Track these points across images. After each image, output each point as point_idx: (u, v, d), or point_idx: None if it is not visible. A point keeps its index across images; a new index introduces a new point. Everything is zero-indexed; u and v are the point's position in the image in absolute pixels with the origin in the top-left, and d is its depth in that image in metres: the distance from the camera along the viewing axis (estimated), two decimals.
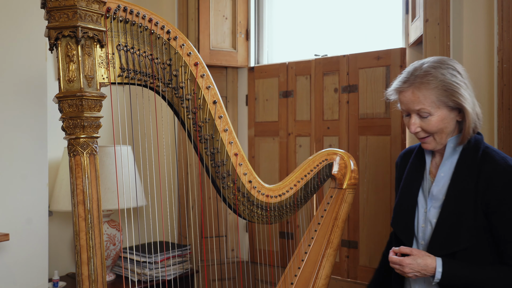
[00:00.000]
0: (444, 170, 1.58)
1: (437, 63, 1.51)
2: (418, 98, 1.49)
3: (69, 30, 1.27)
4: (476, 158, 1.50)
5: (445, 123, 1.51)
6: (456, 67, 1.52)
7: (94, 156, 1.33)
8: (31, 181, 2.25)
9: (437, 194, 1.58)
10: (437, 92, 1.47)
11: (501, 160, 1.48)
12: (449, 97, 1.48)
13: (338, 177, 1.90)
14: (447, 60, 1.53)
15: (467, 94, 1.49)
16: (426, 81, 1.48)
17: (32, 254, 2.26)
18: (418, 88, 1.49)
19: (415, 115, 1.53)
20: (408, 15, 2.70)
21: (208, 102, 1.58)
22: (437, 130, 1.52)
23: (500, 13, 2.17)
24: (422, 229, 1.60)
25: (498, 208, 1.46)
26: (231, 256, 3.32)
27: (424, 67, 1.51)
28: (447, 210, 1.52)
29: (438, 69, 1.49)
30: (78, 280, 1.32)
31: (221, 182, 1.67)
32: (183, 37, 1.51)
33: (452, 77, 1.48)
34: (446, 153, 1.57)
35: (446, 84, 1.47)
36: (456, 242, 1.48)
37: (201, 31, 3.16)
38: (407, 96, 1.52)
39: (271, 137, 3.22)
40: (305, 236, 1.90)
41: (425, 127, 1.53)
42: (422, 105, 1.49)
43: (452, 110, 1.51)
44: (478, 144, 1.53)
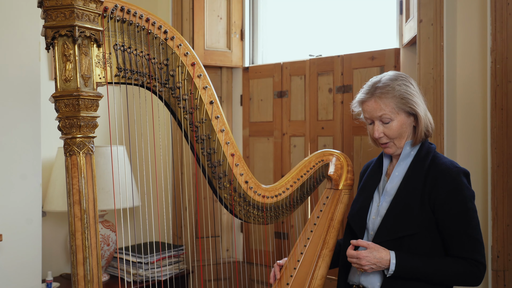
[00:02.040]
0: (399, 170, 1.76)
1: (393, 76, 1.74)
2: (380, 106, 1.70)
3: (66, 30, 1.26)
4: (427, 161, 1.72)
5: (403, 128, 1.72)
6: (410, 80, 1.75)
7: (90, 156, 1.33)
8: (25, 181, 2.24)
9: (390, 190, 1.75)
10: (395, 100, 1.69)
11: (447, 162, 1.69)
12: (405, 104, 1.69)
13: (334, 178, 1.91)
14: (401, 75, 1.76)
15: (419, 101, 1.73)
16: (385, 91, 1.70)
17: (26, 254, 2.25)
18: (379, 98, 1.70)
19: (378, 121, 1.72)
20: (402, 16, 2.71)
21: (205, 103, 1.58)
22: (397, 134, 1.72)
23: (493, 14, 2.18)
24: (372, 220, 1.76)
25: (444, 203, 1.64)
26: (226, 256, 3.32)
27: (382, 80, 1.73)
28: (396, 202, 1.70)
29: (394, 81, 1.71)
30: (73, 280, 1.31)
31: (218, 182, 1.67)
32: (180, 37, 1.51)
33: (407, 88, 1.71)
34: (402, 155, 1.76)
35: (402, 93, 1.69)
36: (401, 228, 1.65)
37: (196, 31, 3.16)
38: (370, 105, 1.72)
39: (265, 137, 3.22)
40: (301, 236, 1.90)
41: (387, 132, 1.72)
42: (384, 112, 1.69)
43: (409, 116, 1.72)
44: (430, 151, 1.74)
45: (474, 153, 2.37)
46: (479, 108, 2.35)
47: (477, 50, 2.35)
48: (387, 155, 1.83)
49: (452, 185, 1.64)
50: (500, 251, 2.16)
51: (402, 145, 1.75)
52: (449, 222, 1.64)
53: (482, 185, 2.34)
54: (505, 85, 2.16)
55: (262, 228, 3.11)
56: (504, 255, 2.16)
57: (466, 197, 1.64)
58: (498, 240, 2.17)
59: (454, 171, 1.66)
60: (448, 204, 1.64)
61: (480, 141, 2.35)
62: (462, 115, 2.40)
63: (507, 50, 2.15)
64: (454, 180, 1.65)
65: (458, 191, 1.64)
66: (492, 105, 2.20)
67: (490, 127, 2.20)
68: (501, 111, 2.17)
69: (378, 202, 1.78)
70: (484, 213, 2.32)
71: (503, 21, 2.16)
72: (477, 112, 2.36)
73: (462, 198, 1.64)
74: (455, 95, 2.41)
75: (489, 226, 2.21)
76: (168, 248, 2.93)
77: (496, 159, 2.17)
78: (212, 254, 3.27)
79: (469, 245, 1.64)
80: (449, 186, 1.64)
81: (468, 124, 2.39)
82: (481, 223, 2.33)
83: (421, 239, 1.65)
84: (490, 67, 2.20)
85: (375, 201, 1.79)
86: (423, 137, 1.74)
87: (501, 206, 2.17)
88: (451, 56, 2.38)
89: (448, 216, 1.64)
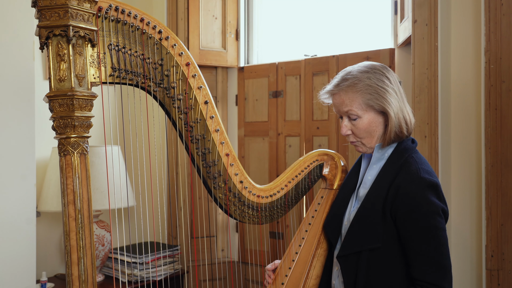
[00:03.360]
0: (371, 174, 1.62)
1: (367, 67, 1.57)
2: (345, 101, 1.55)
3: (60, 29, 1.26)
4: (397, 165, 1.54)
5: (373, 126, 1.56)
6: (386, 73, 1.57)
7: (84, 156, 1.32)
8: (19, 181, 2.23)
9: (362, 195, 1.61)
10: (362, 95, 1.53)
11: (414, 170, 1.50)
12: (373, 100, 1.53)
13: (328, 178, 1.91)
14: (377, 66, 1.58)
15: (392, 99, 1.54)
16: (352, 84, 1.54)
17: (20, 255, 2.24)
18: (345, 92, 1.55)
19: (346, 117, 1.59)
20: (397, 16, 2.72)
21: (200, 102, 1.58)
22: (365, 133, 1.57)
23: (487, 15, 2.19)
24: (345, 226, 1.64)
25: (403, 218, 1.47)
26: (221, 256, 3.32)
27: (353, 71, 1.57)
28: (361, 211, 1.56)
29: (365, 73, 1.55)
30: (68, 281, 1.31)
31: (212, 182, 1.67)
32: (174, 37, 1.51)
33: (378, 82, 1.53)
34: (374, 158, 1.61)
35: (370, 88, 1.53)
36: (362, 241, 1.52)
37: (191, 31, 3.15)
38: (337, 98, 1.59)
39: (261, 137, 3.22)
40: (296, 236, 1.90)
41: (354, 130, 1.58)
42: (350, 107, 1.55)
43: (379, 113, 1.56)
44: (404, 152, 1.56)
45: (468, 153, 2.38)
46: (473, 108, 2.36)
47: (471, 51, 2.36)
48: (366, 155, 1.69)
49: (412, 198, 1.45)
50: (494, 250, 2.17)
51: (373, 145, 1.59)
52: (407, 239, 1.47)
53: (476, 185, 2.35)
54: (499, 85, 2.17)
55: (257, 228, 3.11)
56: (498, 254, 2.17)
57: (428, 213, 1.44)
58: (492, 240, 2.18)
59: (417, 182, 1.46)
60: (407, 220, 1.46)
61: (474, 141, 2.36)
62: (457, 115, 2.41)
63: (501, 50, 2.16)
64: (416, 193, 1.45)
65: (419, 206, 1.45)
66: (486, 105, 2.21)
67: (484, 127, 2.21)
68: (495, 111, 2.18)
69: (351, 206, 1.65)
70: (478, 212, 2.34)
71: (497, 21, 2.17)
72: (471, 112, 2.37)
73: (422, 214, 1.44)
74: (450, 95, 2.42)
75: (483, 226, 2.22)
76: (163, 248, 2.93)
77: (490, 159, 2.19)
78: (207, 254, 3.26)
79: (425, 267, 1.45)
80: (409, 199, 1.46)
81: (462, 124, 2.40)
82: (475, 222, 2.35)
83: (383, 254, 1.50)
84: (484, 67, 2.21)
85: (350, 206, 1.66)
86: (393, 138, 1.56)
87: (495, 206, 2.18)
88: (446, 56, 2.39)
89: (406, 233, 1.47)
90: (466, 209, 2.39)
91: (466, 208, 2.39)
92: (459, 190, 2.41)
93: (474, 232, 2.37)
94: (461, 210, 2.40)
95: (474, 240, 2.37)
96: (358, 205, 1.62)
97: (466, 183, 2.39)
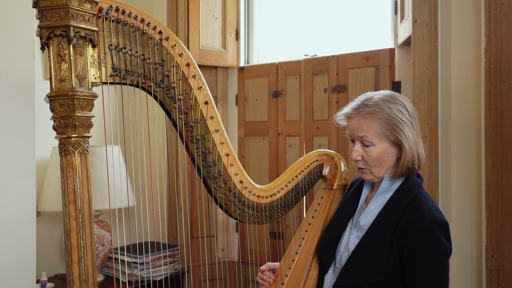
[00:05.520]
0: (376, 204, 1.60)
1: (388, 97, 1.56)
2: (363, 127, 1.54)
3: (61, 30, 1.26)
4: (406, 199, 1.53)
5: (385, 156, 1.55)
6: (406, 105, 1.56)
7: (85, 156, 1.33)
8: (19, 181, 2.23)
9: (363, 225, 1.60)
10: (381, 124, 1.52)
11: (425, 208, 1.49)
12: (391, 131, 1.52)
13: (328, 178, 1.91)
14: (398, 97, 1.57)
15: (409, 132, 1.54)
16: (372, 111, 1.53)
17: (20, 255, 2.24)
18: (364, 117, 1.54)
19: (359, 143, 1.57)
20: (397, 16, 2.72)
21: (200, 103, 1.58)
22: (376, 162, 1.56)
23: (488, 15, 2.20)
24: (341, 253, 1.63)
25: (410, 256, 1.47)
26: (221, 256, 3.32)
27: (374, 98, 1.56)
28: (365, 242, 1.55)
29: (386, 103, 1.53)
30: (68, 280, 1.31)
31: (213, 182, 1.67)
32: (175, 37, 1.51)
33: (398, 113, 1.53)
34: (381, 188, 1.60)
35: (390, 118, 1.52)
36: (364, 274, 1.51)
37: (191, 31, 3.15)
38: (353, 122, 1.57)
39: (261, 137, 3.22)
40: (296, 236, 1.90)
41: (365, 157, 1.56)
42: (366, 133, 1.53)
43: (394, 145, 1.55)
44: (412, 187, 1.56)
45: (469, 153, 2.38)
46: (473, 108, 2.37)
47: (471, 50, 2.36)
48: (368, 182, 1.67)
49: (422, 236, 1.45)
50: (494, 250, 2.17)
51: (381, 175, 1.58)
52: (412, 277, 1.46)
53: (477, 185, 2.35)
54: (499, 85, 2.17)
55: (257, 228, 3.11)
56: (498, 254, 2.17)
57: (436, 253, 1.44)
58: (492, 239, 2.18)
59: (429, 221, 1.45)
60: (413, 258, 1.45)
61: (474, 141, 2.36)
62: (457, 115, 2.41)
63: (501, 50, 2.17)
64: (426, 231, 1.45)
65: (428, 245, 1.44)
66: (486, 105, 2.21)
67: (484, 127, 2.22)
68: (495, 111, 2.19)
69: (349, 234, 1.64)
70: (478, 212, 2.34)
71: (497, 21, 2.17)
72: (472, 112, 2.37)
73: (430, 254, 1.44)
74: (450, 95, 2.42)
75: (483, 226, 2.22)
76: (163, 248, 2.93)
77: (490, 159, 2.19)
78: (208, 254, 3.27)
79: None
80: (418, 236, 1.45)
81: (462, 124, 2.40)
82: (475, 222, 2.36)
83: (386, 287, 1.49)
84: (484, 67, 2.21)
85: (347, 232, 1.66)
86: (404, 172, 1.55)
87: (495, 206, 2.18)
88: (446, 56, 2.39)
89: (412, 271, 1.46)
90: (466, 209, 2.39)
91: (466, 208, 2.39)
92: (459, 190, 2.41)
93: (474, 232, 2.37)
94: (461, 210, 2.41)
95: (474, 240, 2.37)
96: (358, 234, 1.60)
97: (466, 183, 2.39)
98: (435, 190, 2.34)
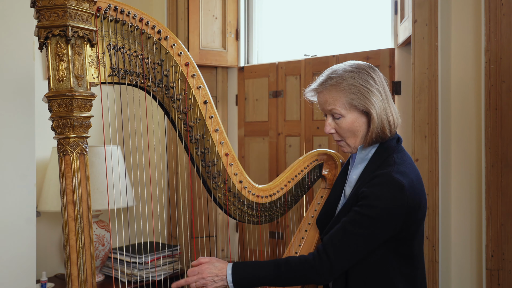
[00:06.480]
0: (356, 173, 1.63)
1: (352, 66, 1.58)
2: (329, 100, 1.56)
3: (59, 29, 1.26)
4: (376, 165, 1.56)
5: (356, 126, 1.57)
6: (371, 73, 1.57)
7: (84, 156, 1.33)
8: (19, 181, 2.23)
9: (347, 194, 1.65)
10: (346, 94, 1.54)
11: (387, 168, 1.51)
12: (357, 100, 1.53)
13: (328, 178, 1.91)
14: (363, 66, 1.59)
15: (376, 100, 1.54)
16: (336, 83, 1.55)
17: (20, 255, 2.24)
18: (329, 90, 1.56)
19: (330, 116, 1.60)
20: (397, 16, 2.72)
21: (199, 102, 1.58)
22: (349, 132, 1.58)
23: (488, 15, 2.19)
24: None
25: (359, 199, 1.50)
26: (221, 256, 3.32)
27: (338, 70, 1.58)
28: (344, 208, 1.59)
29: (349, 73, 1.55)
30: (67, 281, 1.31)
31: (212, 182, 1.67)
32: (173, 37, 1.51)
33: (363, 82, 1.54)
34: (358, 158, 1.63)
35: (354, 88, 1.53)
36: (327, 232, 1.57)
37: (191, 31, 3.15)
38: (321, 97, 1.60)
39: (261, 137, 3.22)
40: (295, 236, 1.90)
41: (338, 129, 1.59)
42: (333, 106, 1.56)
43: (362, 114, 1.56)
44: (385, 152, 1.58)
45: (469, 153, 2.38)
46: (474, 108, 2.36)
47: (471, 50, 2.36)
48: (354, 155, 1.68)
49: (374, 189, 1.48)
50: (495, 250, 2.17)
51: (357, 145, 1.60)
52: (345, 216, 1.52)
53: (477, 185, 2.35)
54: (499, 85, 2.17)
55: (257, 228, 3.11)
56: (498, 254, 2.17)
57: (374, 206, 1.46)
58: (492, 240, 2.18)
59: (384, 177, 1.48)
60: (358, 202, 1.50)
61: (474, 141, 2.36)
62: (457, 115, 2.41)
63: (501, 50, 2.16)
64: (379, 186, 1.47)
65: (373, 196, 1.47)
66: (486, 105, 2.20)
67: (484, 127, 2.21)
68: (495, 111, 2.18)
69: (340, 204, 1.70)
70: (478, 212, 2.33)
71: (497, 21, 2.17)
72: (472, 112, 2.37)
73: (369, 203, 1.47)
74: (450, 95, 2.41)
75: (483, 226, 2.22)
76: (163, 248, 2.93)
77: (490, 158, 2.18)
78: (207, 254, 3.26)
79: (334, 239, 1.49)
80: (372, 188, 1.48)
81: (462, 124, 2.40)
82: (476, 222, 2.35)
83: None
84: (484, 67, 2.20)
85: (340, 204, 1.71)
86: (374, 139, 1.57)
87: (495, 206, 2.18)
88: (446, 56, 2.38)
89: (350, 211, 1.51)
90: (466, 209, 2.39)
91: (466, 208, 2.39)
92: (459, 190, 2.41)
93: (474, 232, 2.37)
94: (461, 210, 2.40)
95: (474, 240, 2.37)
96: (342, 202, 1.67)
97: (466, 183, 2.39)
98: (435, 190, 2.33)
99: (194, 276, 1.53)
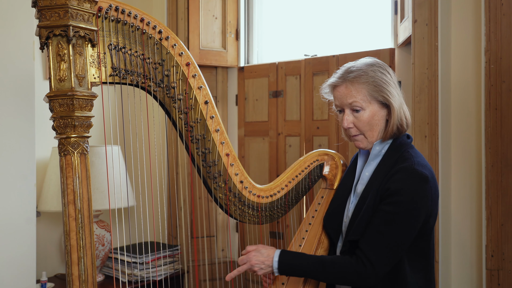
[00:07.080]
0: (369, 169, 1.65)
1: (369, 62, 1.62)
2: (351, 92, 1.58)
3: (60, 29, 1.26)
4: (393, 159, 1.58)
5: (375, 119, 1.59)
6: (386, 68, 1.62)
7: (84, 156, 1.33)
8: (19, 181, 2.23)
9: (360, 191, 1.65)
10: (368, 86, 1.56)
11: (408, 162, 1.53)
12: (378, 92, 1.56)
13: (329, 178, 1.91)
14: (378, 62, 1.64)
15: (395, 92, 1.59)
16: (357, 76, 1.58)
17: (20, 255, 2.24)
18: (351, 83, 1.58)
19: (349, 110, 1.61)
20: (397, 16, 2.72)
21: (200, 102, 1.58)
22: (368, 125, 1.59)
23: (488, 15, 2.19)
24: (345, 223, 1.69)
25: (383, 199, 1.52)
26: (222, 256, 3.31)
27: (357, 65, 1.62)
28: (359, 205, 1.60)
29: (369, 66, 1.60)
30: (68, 280, 1.31)
31: (213, 182, 1.67)
32: (174, 37, 1.51)
33: (382, 75, 1.58)
34: (372, 154, 1.64)
35: (376, 80, 1.57)
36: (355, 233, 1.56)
37: (191, 31, 3.15)
38: (341, 90, 1.61)
39: (261, 137, 3.22)
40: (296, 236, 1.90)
41: (357, 123, 1.60)
42: (355, 98, 1.57)
43: (382, 106, 1.59)
44: (400, 147, 1.60)
45: (469, 153, 2.38)
46: (474, 108, 2.36)
47: (471, 50, 2.36)
48: (362, 152, 1.71)
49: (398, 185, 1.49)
50: (494, 250, 2.17)
51: (374, 140, 1.61)
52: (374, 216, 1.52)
53: (477, 185, 2.35)
54: (499, 85, 2.17)
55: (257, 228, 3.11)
56: (498, 254, 2.17)
57: (403, 202, 1.48)
58: (492, 239, 2.18)
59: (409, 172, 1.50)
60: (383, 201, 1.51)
61: (474, 141, 2.36)
62: (457, 115, 2.41)
63: (501, 50, 2.16)
64: (404, 180, 1.49)
65: (400, 192, 1.48)
66: (486, 105, 2.21)
67: (484, 127, 2.21)
68: (495, 111, 2.18)
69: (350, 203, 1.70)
70: (479, 212, 2.34)
71: (497, 21, 2.17)
72: (472, 112, 2.37)
73: (397, 199, 1.48)
74: (450, 95, 2.41)
75: (483, 226, 2.22)
76: (163, 248, 2.93)
77: (490, 158, 2.18)
78: (208, 254, 3.26)
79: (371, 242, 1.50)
80: (396, 184, 1.49)
81: (462, 124, 2.40)
82: (476, 222, 2.35)
83: None
84: (484, 67, 2.20)
85: (349, 202, 1.71)
86: (394, 132, 1.59)
87: (495, 206, 2.18)
88: (446, 56, 2.39)
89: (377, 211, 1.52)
90: (466, 209, 2.39)
91: (466, 208, 2.39)
92: (459, 190, 2.41)
93: (474, 232, 2.37)
94: (461, 210, 2.40)
95: (474, 240, 2.37)
96: (355, 201, 1.66)
97: (466, 183, 2.39)
98: None
99: (244, 265, 1.62)
